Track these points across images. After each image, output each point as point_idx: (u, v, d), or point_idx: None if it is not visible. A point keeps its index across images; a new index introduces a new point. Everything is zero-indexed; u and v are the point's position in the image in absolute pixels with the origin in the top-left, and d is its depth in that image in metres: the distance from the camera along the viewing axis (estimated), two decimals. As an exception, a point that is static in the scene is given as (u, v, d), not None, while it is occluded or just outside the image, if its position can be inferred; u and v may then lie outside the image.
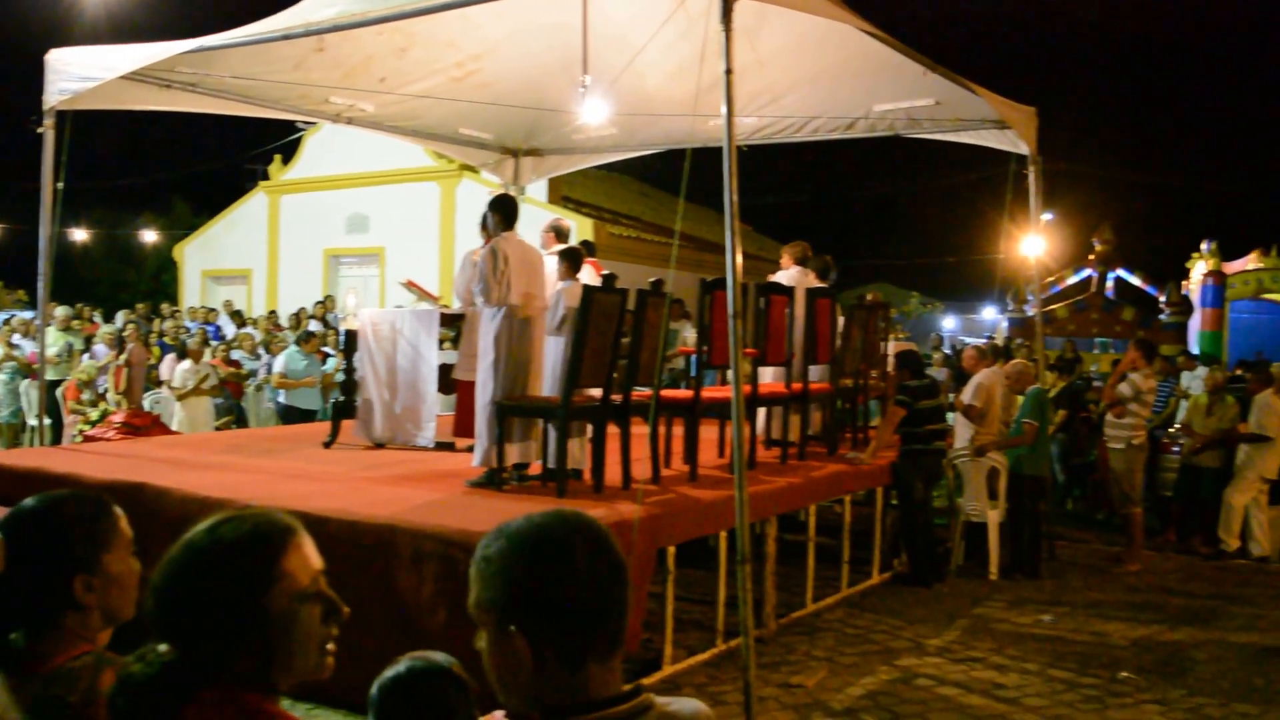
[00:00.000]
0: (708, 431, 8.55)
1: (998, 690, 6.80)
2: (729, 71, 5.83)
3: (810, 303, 8.94)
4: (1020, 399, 10.36)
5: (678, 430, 8.28)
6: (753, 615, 5.98)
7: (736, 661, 6.08)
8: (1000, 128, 10.18)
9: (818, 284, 9.70)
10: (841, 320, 9.65)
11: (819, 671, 7.00)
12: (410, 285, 10.82)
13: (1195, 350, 20.99)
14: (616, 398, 7.17)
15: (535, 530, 1.72)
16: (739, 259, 5.88)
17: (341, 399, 9.72)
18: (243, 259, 25.21)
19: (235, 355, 15.71)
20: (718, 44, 5.86)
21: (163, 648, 1.81)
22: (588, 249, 11.10)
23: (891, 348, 11.36)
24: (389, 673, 2.38)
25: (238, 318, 20.36)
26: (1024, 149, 10.35)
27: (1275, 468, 10.90)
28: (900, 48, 8.10)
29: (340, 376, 11.44)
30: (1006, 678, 7.04)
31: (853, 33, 7.62)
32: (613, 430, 7.23)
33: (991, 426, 10.00)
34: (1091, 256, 28.17)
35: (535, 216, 11.37)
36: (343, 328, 9.49)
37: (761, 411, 9.13)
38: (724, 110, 5.88)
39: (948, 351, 20.57)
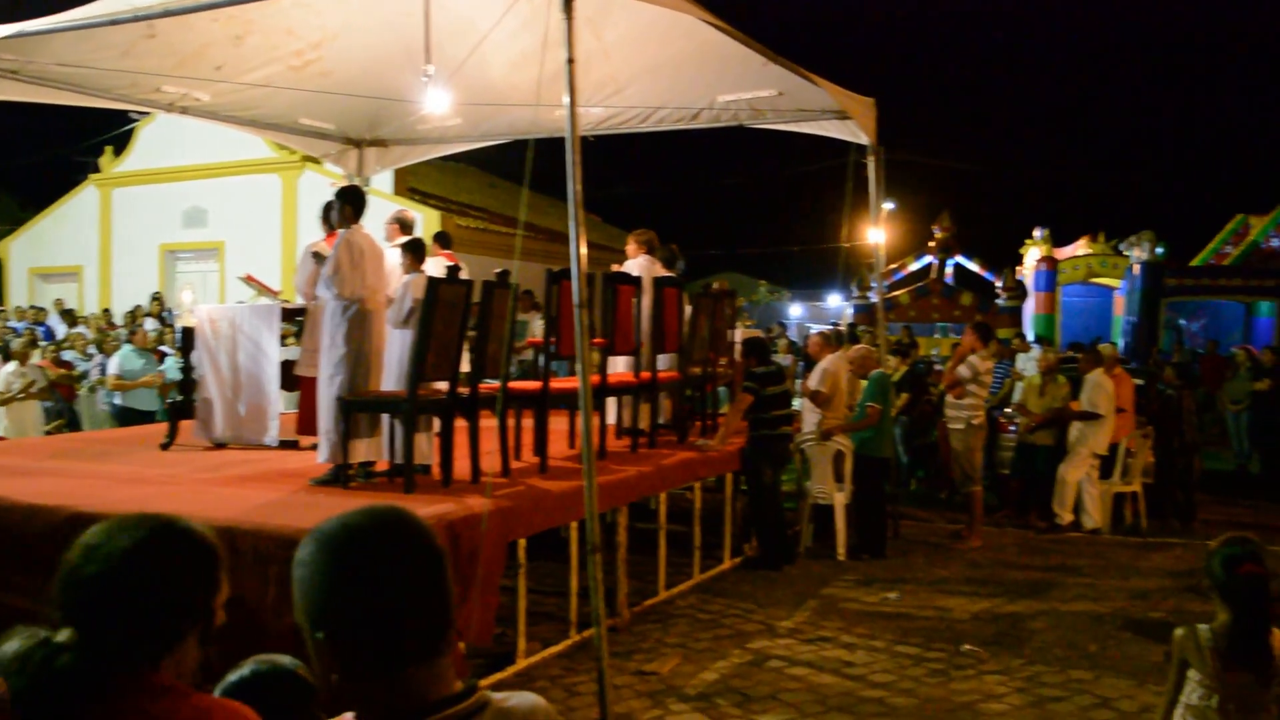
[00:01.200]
0: (558, 423, 8.54)
1: (847, 668, 6.95)
2: (571, 61, 5.81)
3: (658, 292, 8.99)
4: (864, 383, 10.58)
5: (527, 422, 8.25)
6: (605, 605, 5.98)
7: (590, 652, 6.10)
8: (841, 118, 10.35)
9: (665, 273, 9.76)
10: (689, 309, 9.72)
11: (673, 658, 7.05)
12: (249, 280, 10.56)
13: (1030, 333, 21.69)
14: (464, 391, 7.10)
15: (340, 531, 1.66)
16: (583, 249, 5.87)
17: (179, 399, 9.44)
18: (73, 255, 24.30)
19: (66, 356, 15.10)
20: (560, 33, 5.83)
21: (61, 637, 1.81)
22: (443, 241, 10.99)
23: (738, 335, 11.49)
24: (232, 676, 2.32)
25: (69, 317, 19.58)
26: (864, 139, 10.55)
27: (1106, 444, 11.35)
28: (741, 38, 8.17)
29: (177, 375, 11.09)
30: (855, 655, 7.19)
31: (696, 23, 7.65)
32: (461, 424, 7.16)
33: (837, 411, 10.20)
34: (931, 244, 28.91)
35: (380, 208, 11.18)
36: (179, 325, 9.20)
37: (611, 401, 9.15)
38: (567, 100, 5.86)
39: (792, 338, 20.88)
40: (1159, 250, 25.95)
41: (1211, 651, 3.82)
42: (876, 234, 11.83)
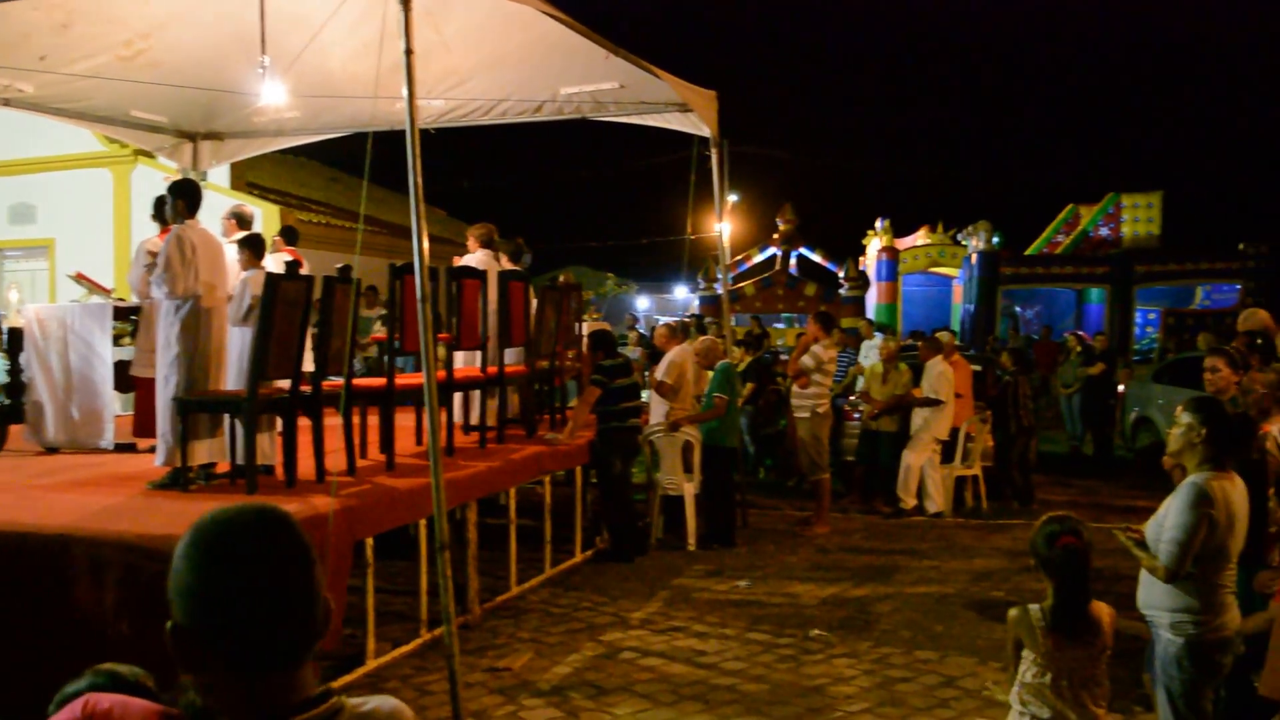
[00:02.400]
0: (404, 419, 8.42)
1: (699, 657, 7.00)
2: (409, 53, 5.72)
3: (503, 286, 8.92)
4: (710, 374, 10.67)
5: (373, 420, 8.12)
6: (455, 602, 5.92)
7: (442, 650, 6.01)
8: (683, 111, 10.41)
9: (510, 267, 9.69)
10: (535, 302, 9.67)
11: (525, 653, 7.01)
12: (79, 278, 10.17)
13: (873, 321, 22.12)
14: (307, 389, 6.94)
15: (210, 525, 1.61)
16: (425, 243, 5.80)
17: (7, 402, 9.03)
18: (-110, 255, 23.08)
19: (-116, 360, 14.34)
20: (399, 25, 5.74)
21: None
22: (289, 237, 10.71)
23: (585, 328, 11.49)
24: (69, 688, 2.21)
25: (-114, 320, 18.62)
26: (706, 131, 10.63)
27: (946, 429, 11.66)
28: (582, 31, 8.15)
29: (4, 378, 10.61)
30: (707, 644, 7.25)
31: (537, 16, 7.61)
32: (305, 423, 7.00)
33: (685, 402, 10.27)
34: (775, 236, 29.25)
35: (217, 203, 10.83)
36: (5, 325, 8.82)
37: (458, 396, 9.05)
38: (406, 93, 5.77)
39: (641, 331, 20.97)
40: (995, 240, 26.76)
41: (1043, 630, 3.95)
42: (721, 226, 11.94)
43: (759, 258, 29.87)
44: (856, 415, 12.62)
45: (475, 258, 9.49)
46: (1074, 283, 27.08)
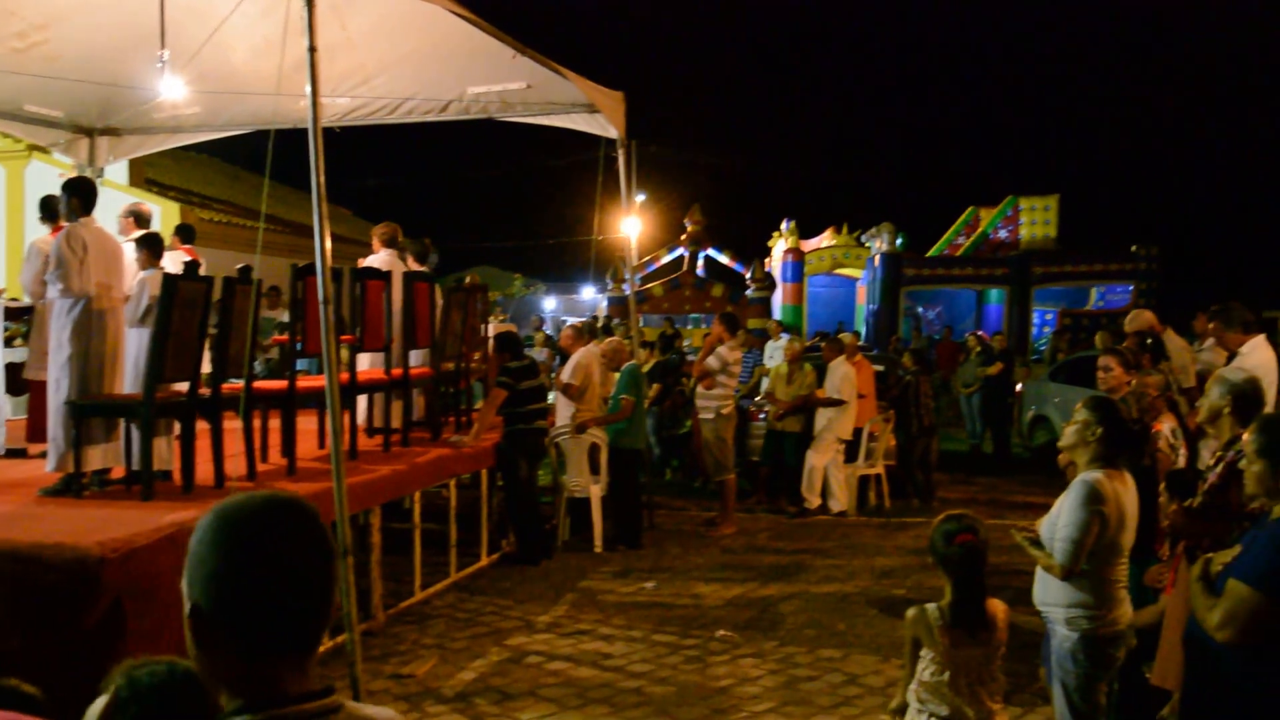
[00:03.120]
0: (307, 423, 8.29)
1: (605, 659, 6.99)
2: (313, 50, 5.65)
3: (408, 286, 8.83)
4: (617, 375, 10.67)
5: (275, 423, 7.98)
6: (358, 608, 5.85)
7: (344, 658, 5.93)
8: (590, 111, 10.40)
9: (416, 267, 9.60)
10: (441, 303, 9.59)
11: (430, 659, 6.94)
12: (-32, 278, 9.88)
13: (779, 322, 22.29)
14: (205, 392, 6.80)
15: (237, 510, 1.64)
16: (328, 243, 5.72)
17: (-109, 406, 8.73)
18: None
19: None
20: (303, 21, 5.65)
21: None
22: (185, 235, 10.49)
23: (492, 330, 11.42)
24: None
25: None
26: (613, 132, 10.63)
27: (850, 429, 11.80)
28: (489, 30, 8.09)
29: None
30: (613, 646, 7.25)
31: (443, 13, 7.55)
32: (204, 427, 6.86)
33: (591, 403, 10.26)
34: (683, 237, 29.40)
35: (115, 201, 10.59)
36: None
37: (362, 399, 8.94)
38: (309, 90, 5.68)
39: (549, 332, 20.93)
40: (898, 242, 27.16)
41: (941, 629, 4.00)
42: (628, 227, 11.95)
43: (667, 258, 29.99)
44: (762, 416, 12.71)
45: (379, 258, 9.37)
46: (974, 284, 27.59)
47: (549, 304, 45.82)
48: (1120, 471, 4.47)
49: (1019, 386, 17.30)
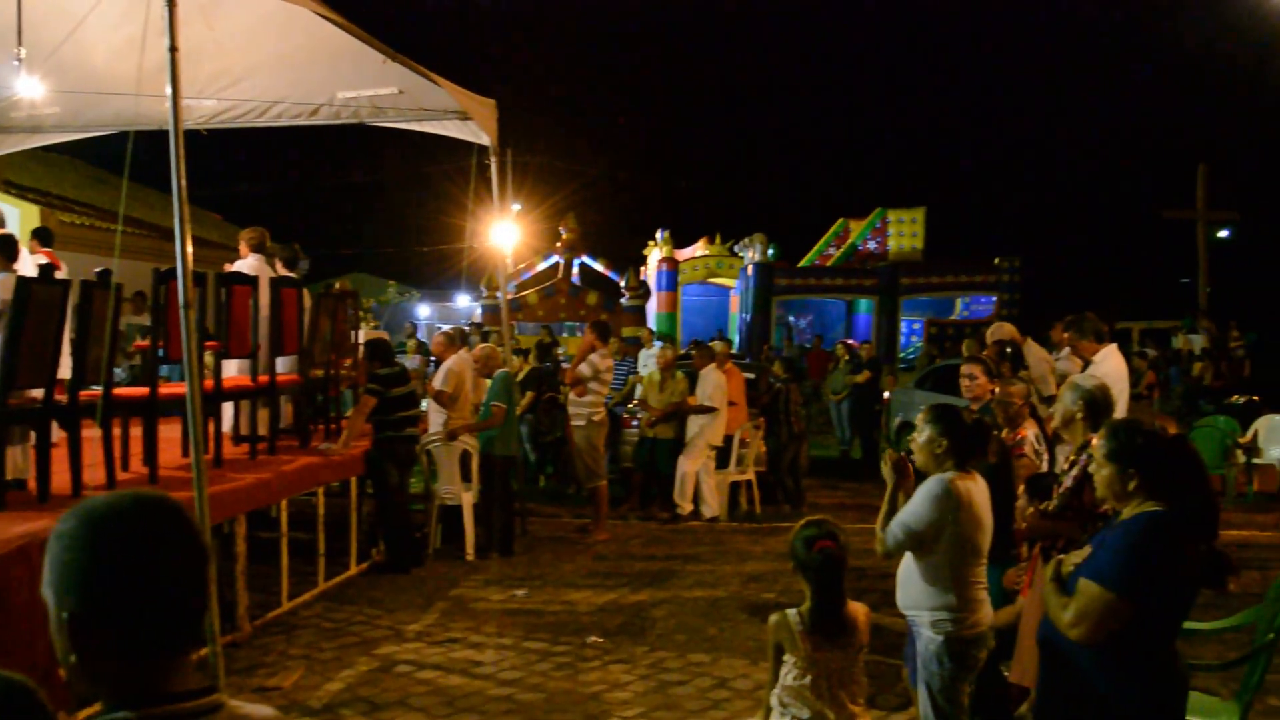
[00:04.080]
0: (172, 431, 8.09)
1: (475, 668, 6.95)
2: (173, 50, 5.53)
3: (275, 292, 8.69)
4: (489, 382, 10.63)
5: (137, 431, 7.77)
6: (223, 619, 5.74)
7: (207, 671, 5.80)
8: (463, 119, 10.34)
9: (284, 273, 9.45)
10: (310, 309, 9.45)
11: (296, 671, 6.83)
12: None
13: (653, 330, 22.44)
14: (62, 398, 6.60)
15: (106, 510, 1.61)
16: (189, 246, 5.62)
17: None
18: None
19: None
20: (165, 20, 5.54)
21: None
22: (43, 238, 10.18)
23: (362, 336, 11.30)
24: None
25: None
26: (486, 140, 10.59)
27: (721, 435, 11.92)
28: (358, 33, 8.00)
29: None
30: (484, 655, 7.21)
31: (312, 16, 7.44)
32: (61, 435, 6.66)
33: (463, 410, 10.20)
34: (558, 245, 29.40)
35: (-35, 203, 10.25)
36: None
37: (228, 406, 8.76)
38: (169, 91, 5.57)
39: (422, 339, 20.75)
40: (770, 252, 27.52)
41: (802, 634, 4.07)
42: (501, 234, 11.92)
43: (542, 266, 29.98)
44: (635, 423, 12.78)
45: (247, 263, 9.20)
46: (844, 294, 28.11)
47: (424, 311, 45.40)
48: (971, 474, 4.59)
49: (886, 394, 17.67)
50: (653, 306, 28.00)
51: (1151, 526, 3.42)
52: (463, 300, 43.53)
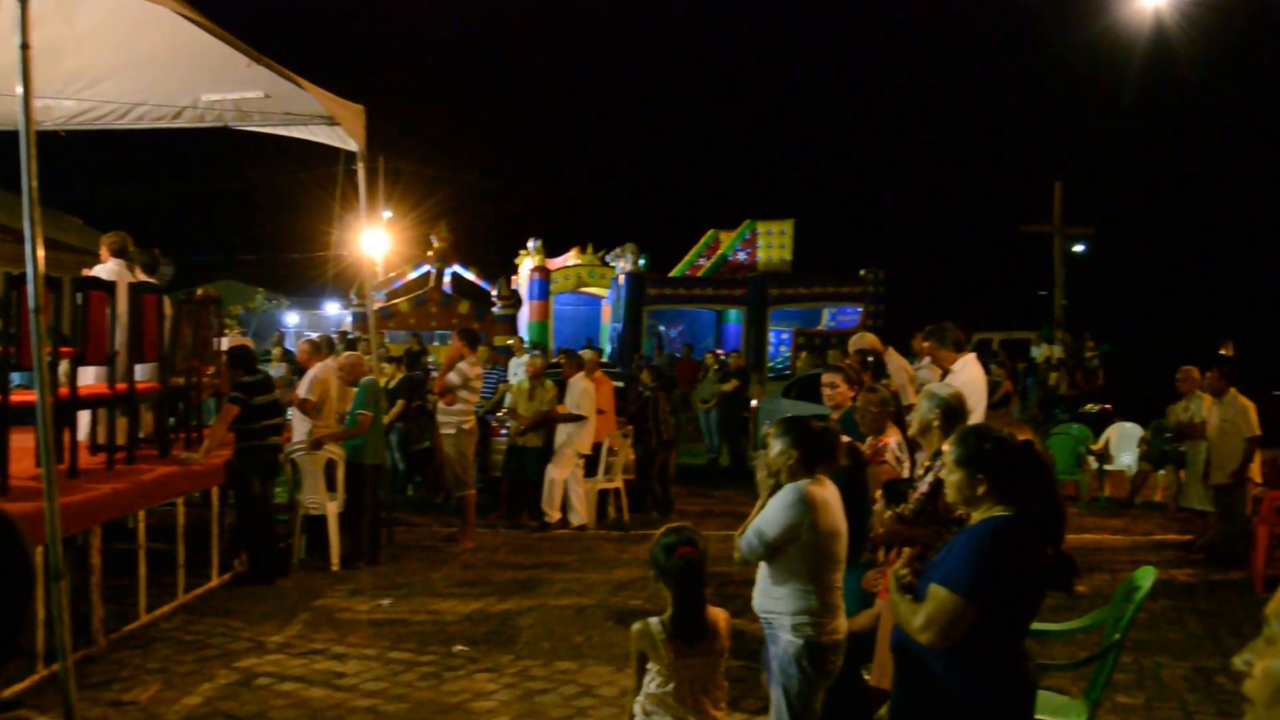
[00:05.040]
0: (25, 440, 7.84)
1: (338, 679, 6.88)
2: (25, 47, 5.39)
3: (135, 298, 8.49)
4: (355, 390, 10.51)
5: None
6: (78, 633, 5.59)
7: (58, 686, 5.64)
8: (330, 124, 10.23)
9: (144, 278, 9.24)
10: (171, 316, 9.24)
11: (153, 685, 6.68)
12: None
13: (525, 340, 22.40)
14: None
15: None
16: (40, 250, 5.47)
17: None
18: None
19: None
20: (17, 16, 5.40)
21: None
22: None
23: (225, 344, 11.08)
24: None
25: None
26: (354, 146, 10.48)
27: (589, 443, 11.96)
28: (222, 35, 7.85)
29: None
30: (347, 666, 7.13)
31: (174, 16, 7.28)
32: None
33: (329, 419, 10.08)
34: (430, 253, 29.16)
35: None
36: None
37: (85, 415, 8.53)
38: (20, 90, 5.42)
39: (289, 347, 20.43)
40: (641, 262, 27.66)
41: (665, 642, 4.11)
42: (369, 241, 11.81)
43: (413, 274, 29.70)
44: (504, 431, 12.76)
45: (106, 268, 8.95)
46: (714, 304, 28.38)
47: (292, 319, 44.68)
48: (822, 480, 4.69)
49: (754, 403, 17.91)
50: (524, 315, 27.92)
51: (996, 531, 3.49)
52: (332, 308, 42.97)
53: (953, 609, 3.41)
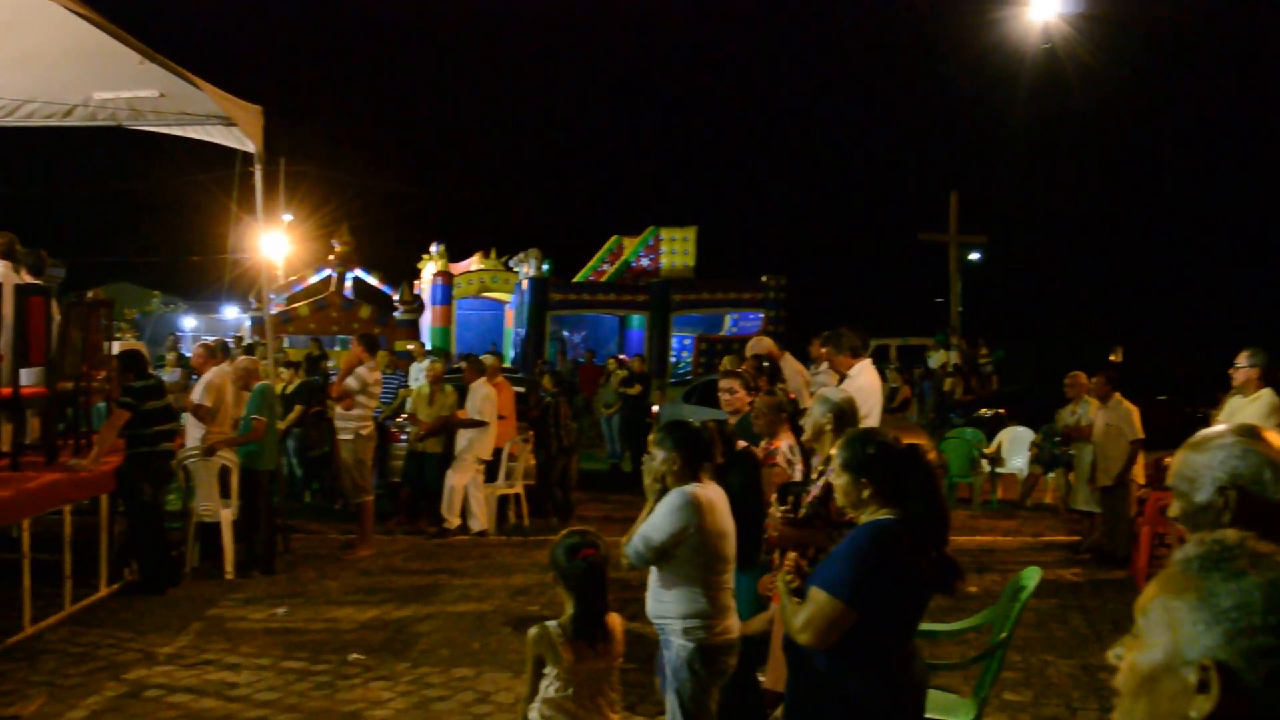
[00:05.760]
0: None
1: (230, 689, 6.77)
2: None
3: (20, 300, 8.28)
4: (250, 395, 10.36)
5: None
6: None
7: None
8: (227, 124, 10.07)
9: (30, 280, 9.01)
10: (59, 319, 9.03)
11: (38, 698, 6.52)
12: None
13: (428, 345, 22.32)
14: None
15: None
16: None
17: None
18: None
19: None
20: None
21: None
22: None
23: (116, 348, 10.85)
24: None
25: None
26: (251, 147, 10.32)
27: (490, 449, 11.92)
28: (115, 32, 7.70)
29: None
30: (239, 676, 7.02)
31: (64, 11, 7.14)
32: None
33: (223, 425, 9.91)
34: (331, 257, 28.93)
35: None
36: None
37: (-34, 420, 8.31)
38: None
39: (185, 352, 20.08)
40: (544, 267, 27.68)
41: (564, 645, 4.11)
42: (269, 245, 11.65)
43: (314, 279, 29.42)
44: (404, 437, 12.67)
45: (-11, 270, 8.73)
46: (617, 309, 28.48)
47: (190, 323, 43.90)
48: (706, 483, 4.73)
49: (656, 408, 17.97)
50: (427, 320, 27.77)
51: (874, 535, 3.54)
52: (231, 312, 42.31)
53: (830, 611, 3.44)
